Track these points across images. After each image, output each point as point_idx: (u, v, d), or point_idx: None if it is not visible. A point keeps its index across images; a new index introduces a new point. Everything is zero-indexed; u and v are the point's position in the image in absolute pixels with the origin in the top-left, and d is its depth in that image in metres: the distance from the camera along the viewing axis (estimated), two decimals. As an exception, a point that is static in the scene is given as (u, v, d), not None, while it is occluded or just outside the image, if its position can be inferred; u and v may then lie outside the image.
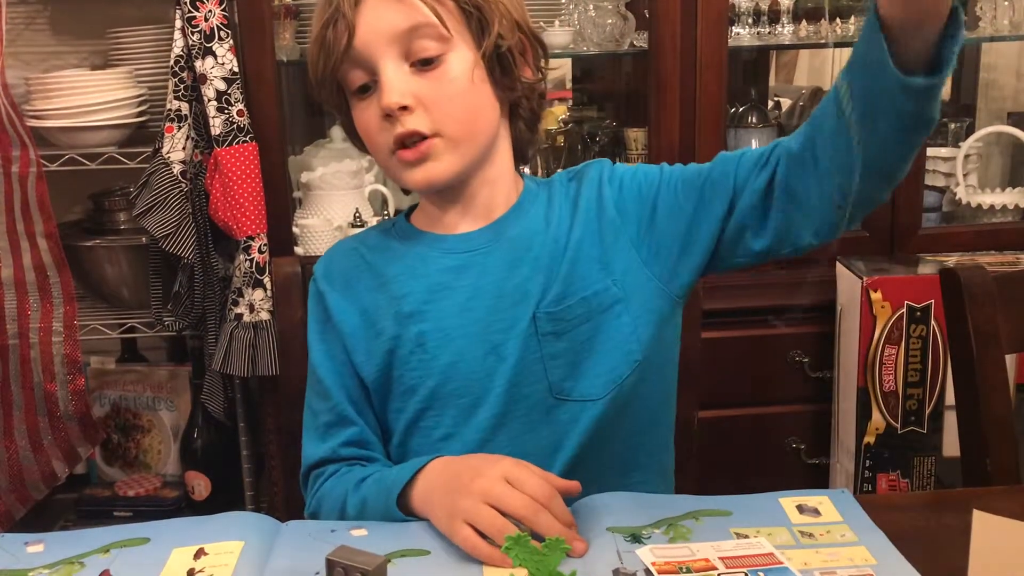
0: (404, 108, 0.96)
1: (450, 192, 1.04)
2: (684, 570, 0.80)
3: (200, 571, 0.84)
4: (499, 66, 1.01)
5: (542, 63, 1.06)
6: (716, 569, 0.80)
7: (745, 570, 0.80)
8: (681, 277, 1.03)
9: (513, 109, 1.05)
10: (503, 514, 0.85)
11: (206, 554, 0.87)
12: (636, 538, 0.86)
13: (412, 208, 1.13)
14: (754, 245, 0.99)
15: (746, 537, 0.86)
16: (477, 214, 1.06)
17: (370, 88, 0.99)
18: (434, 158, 0.98)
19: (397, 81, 0.96)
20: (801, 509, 0.92)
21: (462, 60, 0.98)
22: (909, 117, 0.81)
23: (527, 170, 1.29)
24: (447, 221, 1.06)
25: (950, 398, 1.68)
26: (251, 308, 1.77)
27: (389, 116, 0.97)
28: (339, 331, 1.07)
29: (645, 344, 1.02)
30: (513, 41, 1.00)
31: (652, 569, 0.80)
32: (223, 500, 1.98)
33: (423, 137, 0.97)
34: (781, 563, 0.81)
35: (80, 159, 1.79)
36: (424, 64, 0.97)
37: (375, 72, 0.97)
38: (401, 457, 1.07)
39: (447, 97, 0.98)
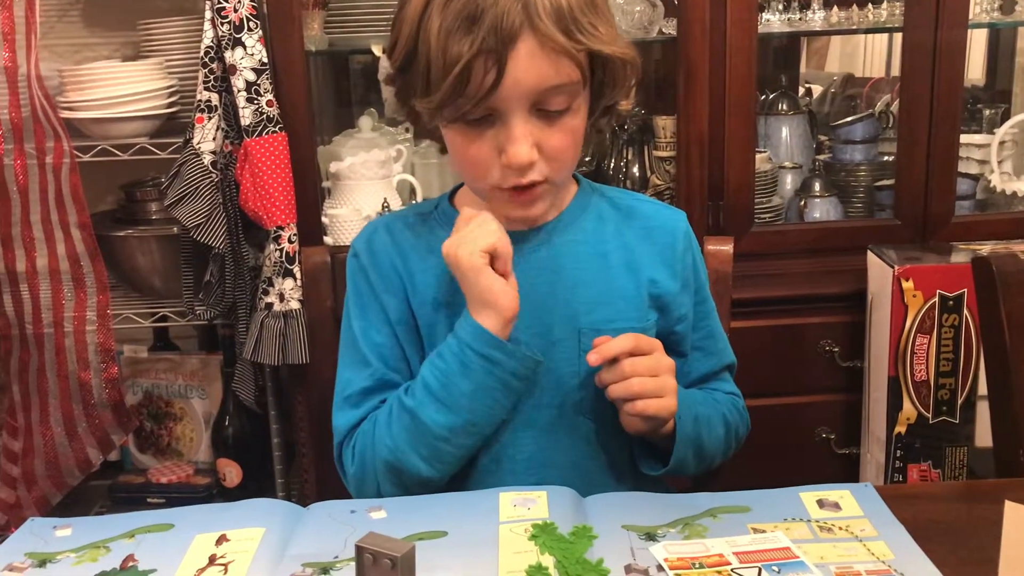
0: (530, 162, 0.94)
1: None
2: (697, 566, 0.80)
3: (222, 556, 0.86)
4: (602, 112, 1.02)
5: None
6: (730, 564, 0.80)
7: (759, 565, 0.80)
8: None
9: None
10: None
11: (228, 540, 0.89)
12: (651, 536, 0.86)
13: (455, 190, 1.12)
14: None
15: (763, 532, 0.86)
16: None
17: (483, 120, 0.94)
18: (540, 199, 0.99)
19: (529, 135, 0.93)
20: (821, 504, 0.91)
21: (582, 109, 0.97)
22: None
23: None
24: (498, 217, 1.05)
25: (983, 388, 1.65)
26: (281, 297, 1.78)
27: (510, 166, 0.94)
28: (382, 306, 1.06)
29: None
30: (624, 94, 1.00)
31: (664, 565, 0.80)
32: (254, 487, 2.00)
33: (535, 183, 0.96)
34: (797, 557, 0.81)
35: (112, 150, 1.81)
36: (550, 113, 0.94)
37: (500, 114, 0.93)
38: None
39: (565, 148, 0.96)
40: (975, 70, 2.37)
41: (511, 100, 0.91)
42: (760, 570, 0.79)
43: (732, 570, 0.79)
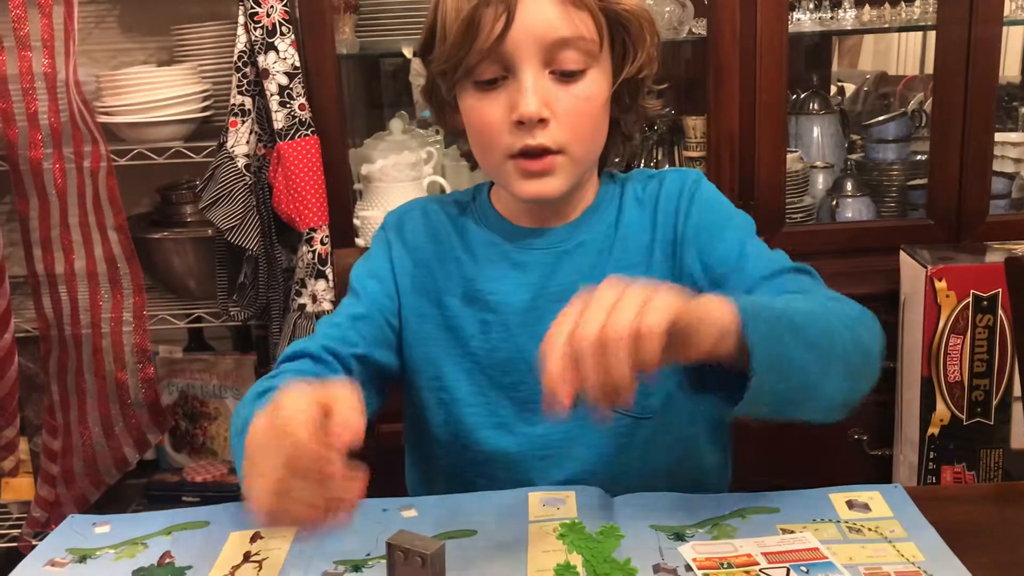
0: (541, 120, 0.92)
1: None
2: (725, 566, 0.80)
3: (256, 554, 0.87)
4: (628, 93, 1.00)
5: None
6: (758, 564, 0.80)
7: (788, 565, 0.80)
8: None
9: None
10: None
11: (262, 538, 0.90)
12: (679, 536, 0.86)
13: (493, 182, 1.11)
14: None
15: (792, 533, 0.86)
16: (560, 214, 1.05)
17: (497, 82, 0.94)
18: (553, 174, 0.96)
19: (539, 90, 0.92)
20: (851, 504, 0.91)
21: (601, 80, 0.95)
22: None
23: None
24: (528, 215, 1.06)
25: (1019, 389, 1.64)
26: (314, 298, 1.80)
27: (521, 123, 0.93)
28: (396, 283, 1.07)
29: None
30: (650, 71, 0.99)
31: (692, 565, 0.80)
32: (287, 486, 2.02)
33: (547, 151, 0.94)
34: (826, 558, 0.81)
35: (148, 153, 1.84)
36: (564, 75, 0.93)
37: (512, 70, 0.93)
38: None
39: (581, 115, 0.95)
40: (1011, 67, 2.34)
41: (521, 51, 0.91)
42: (788, 571, 0.79)
43: (760, 570, 0.79)
